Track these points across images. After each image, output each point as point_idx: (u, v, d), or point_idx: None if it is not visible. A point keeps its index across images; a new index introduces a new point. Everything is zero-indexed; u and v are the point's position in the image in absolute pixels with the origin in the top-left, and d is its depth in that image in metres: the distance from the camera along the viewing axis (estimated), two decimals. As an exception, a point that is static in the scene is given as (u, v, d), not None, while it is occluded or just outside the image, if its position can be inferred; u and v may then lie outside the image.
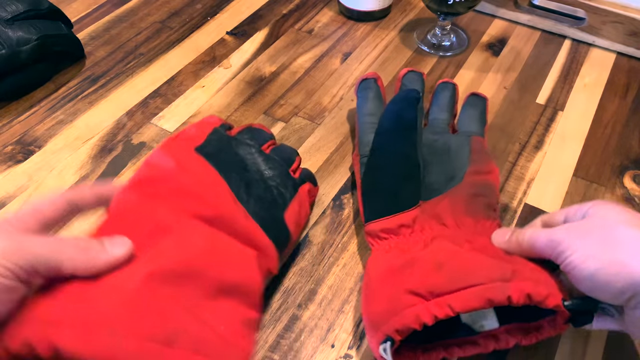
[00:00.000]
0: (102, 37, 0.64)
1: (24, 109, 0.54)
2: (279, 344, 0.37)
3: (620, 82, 0.59)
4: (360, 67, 0.60)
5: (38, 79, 0.57)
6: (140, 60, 0.61)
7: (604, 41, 0.62)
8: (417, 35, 0.64)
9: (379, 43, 0.63)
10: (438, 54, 0.62)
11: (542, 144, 0.52)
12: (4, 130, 0.52)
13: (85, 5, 0.68)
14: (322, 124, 0.53)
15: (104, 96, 0.56)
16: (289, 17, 0.67)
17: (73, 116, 0.54)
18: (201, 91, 0.57)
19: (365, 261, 0.42)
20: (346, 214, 0.45)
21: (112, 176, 0.48)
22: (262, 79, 0.59)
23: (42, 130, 0.52)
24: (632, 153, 0.51)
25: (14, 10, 0.54)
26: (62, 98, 0.56)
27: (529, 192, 0.47)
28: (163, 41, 0.63)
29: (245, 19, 0.67)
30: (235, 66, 0.60)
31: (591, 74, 0.60)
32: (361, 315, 0.38)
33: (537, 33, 0.65)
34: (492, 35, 0.65)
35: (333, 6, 0.69)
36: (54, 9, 0.58)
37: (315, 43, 0.63)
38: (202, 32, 0.65)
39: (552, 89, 0.58)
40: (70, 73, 0.59)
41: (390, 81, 0.58)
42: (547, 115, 0.55)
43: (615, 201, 0.47)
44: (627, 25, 0.60)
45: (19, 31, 0.53)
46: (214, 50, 0.62)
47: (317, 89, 0.57)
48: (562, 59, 0.61)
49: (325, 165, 0.49)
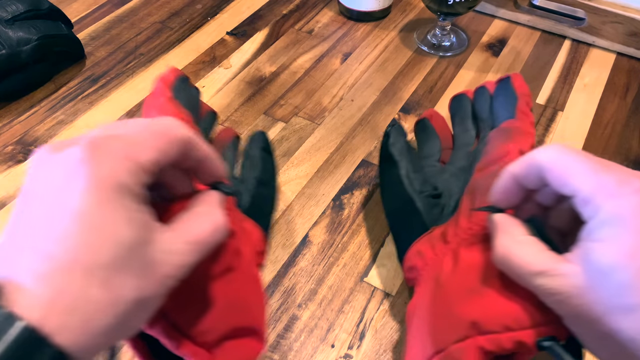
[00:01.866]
0: (102, 37, 0.64)
1: (24, 109, 0.54)
2: (279, 344, 0.37)
3: (620, 82, 0.59)
4: (360, 67, 0.60)
5: (38, 79, 0.57)
6: (140, 60, 0.61)
7: (603, 41, 0.62)
8: (417, 35, 0.64)
9: (379, 43, 0.63)
10: (438, 54, 0.62)
11: (542, 144, 0.52)
12: (5, 130, 0.52)
13: (86, 5, 0.68)
14: (322, 124, 0.53)
15: (104, 96, 0.56)
16: (289, 17, 0.67)
17: (73, 116, 0.54)
18: (201, 91, 0.57)
19: (365, 262, 0.42)
20: (346, 214, 0.45)
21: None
22: (262, 79, 0.59)
23: (43, 130, 0.52)
24: (631, 153, 0.51)
25: (14, 10, 0.54)
26: (63, 98, 0.56)
27: (528, 192, 0.47)
28: (163, 41, 0.63)
29: (245, 19, 0.67)
30: (236, 66, 0.60)
31: (591, 74, 0.60)
32: (361, 315, 0.38)
33: (537, 33, 0.65)
34: (492, 36, 0.65)
35: (333, 6, 0.69)
36: (54, 9, 0.58)
37: (315, 43, 0.63)
38: (202, 33, 0.65)
39: (552, 89, 0.58)
40: (71, 73, 0.59)
41: (391, 81, 0.58)
42: (547, 116, 0.55)
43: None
44: (627, 25, 0.60)
45: (19, 31, 0.53)
46: (214, 51, 0.62)
47: (317, 89, 0.57)
48: (562, 59, 0.62)
49: (326, 165, 0.49)
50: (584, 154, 0.25)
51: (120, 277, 0.20)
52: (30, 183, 0.21)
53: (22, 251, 0.19)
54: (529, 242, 0.25)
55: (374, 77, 0.59)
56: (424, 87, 0.58)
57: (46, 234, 0.19)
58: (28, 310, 0.18)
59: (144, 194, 0.22)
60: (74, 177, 0.20)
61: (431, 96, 0.56)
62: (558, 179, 0.24)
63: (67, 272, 0.19)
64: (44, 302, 0.18)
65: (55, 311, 0.18)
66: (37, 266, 0.19)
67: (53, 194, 0.20)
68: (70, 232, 0.19)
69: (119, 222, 0.20)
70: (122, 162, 0.21)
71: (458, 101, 0.46)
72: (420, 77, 0.59)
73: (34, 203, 0.20)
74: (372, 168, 0.49)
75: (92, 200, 0.20)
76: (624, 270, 0.21)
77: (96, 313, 0.19)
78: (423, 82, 0.58)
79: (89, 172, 0.20)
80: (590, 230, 0.23)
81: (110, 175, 0.20)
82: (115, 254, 0.20)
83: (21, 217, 0.20)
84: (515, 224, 0.27)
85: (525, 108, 0.39)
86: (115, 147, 0.21)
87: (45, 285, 0.19)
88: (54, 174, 0.20)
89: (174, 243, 0.22)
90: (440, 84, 0.58)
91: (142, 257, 0.21)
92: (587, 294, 0.22)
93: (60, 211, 0.20)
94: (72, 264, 0.19)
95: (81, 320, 0.19)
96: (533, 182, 0.26)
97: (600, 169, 0.23)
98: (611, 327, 0.21)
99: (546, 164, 0.25)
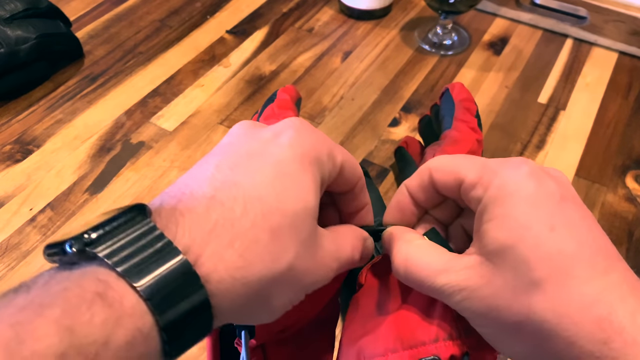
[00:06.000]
0: (101, 35, 0.63)
1: (23, 108, 0.54)
2: (278, 345, 0.37)
3: (622, 81, 0.58)
4: (361, 66, 0.60)
5: (37, 78, 0.56)
6: (139, 59, 0.60)
7: (605, 40, 0.62)
8: (418, 34, 0.64)
9: (380, 42, 0.63)
10: (439, 53, 0.61)
11: (543, 144, 0.51)
12: (3, 129, 0.52)
13: (84, 3, 0.68)
14: (322, 123, 0.53)
15: (102, 95, 0.56)
16: (289, 15, 0.67)
17: (72, 115, 0.53)
18: (200, 90, 0.57)
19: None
20: (346, 214, 0.45)
21: (111, 176, 0.48)
22: (262, 77, 0.58)
23: (41, 129, 0.52)
24: (634, 153, 0.51)
25: (13, 9, 0.54)
26: (61, 97, 0.55)
27: (530, 192, 0.47)
28: (162, 40, 0.63)
29: (245, 18, 0.66)
30: (235, 65, 0.60)
31: (593, 73, 0.59)
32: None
33: (538, 32, 0.65)
34: (494, 34, 0.64)
35: (333, 4, 0.68)
36: (53, 7, 0.58)
37: (315, 42, 0.63)
38: (201, 31, 0.64)
39: (554, 88, 0.57)
40: (69, 72, 0.58)
41: (392, 79, 0.58)
42: (549, 115, 0.54)
43: (617, 201, 0.46)
44: (629, 24, 0.60)
45: (18, 30, 0.53)
46: (213, 49, 0.62)
47: (318, 87, 0.57)
48: (563, 58, 0.61)
49: (326, 164, 0.49)
50: (472, 156, 0.24)
51: (290, 236, 0.19)
52: (227, 139, 0.22)
53: (201, 181, 0.19)
54: (427, 245, 0.24)
55: (374, 75, 0.58)
56: (425, 86, 0.57)
57: (240, 167, 0.19)
58: (190, 239, 0.17)
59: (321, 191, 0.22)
60: (282, 136, 0.21)
61: (432, 95, 0.56)
62: (445, 175, 0.23)
63: (246, 203, 0.19)
64: (208, 229, 0.18)
65: (217, 241, 0.18)
66: (215, 192, 0.19)
67: (256, 144, 0.21)
68: (264, 173, 0.19)
69: (309, 187, 0.20)
70: (323, 145, 0.22)
71: (422, 123, 0.47)
72: (421, 76, 0.58)
73: (229, 148, 0.21)
74: (373, 167, 0.49)
75: (293, 157, 0.20)
76: (519, 244, 0.20)
77: (256, 257, 0.18)
78: (424, 81, 0.58)
79: (296, 136, 0.21)
80: (480, 214, 0.22)
81: (312, 148, 0.21)
82: (296, 211, 0.19)
83: (207, 159, 0.21)
84: (409, 230, 0.26)
85: (462, 114, 0.39)
86: (320, 134, 0.22)
87: (214, 211, 0.18)
88: (261, 133, 0.21)
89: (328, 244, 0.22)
90: (441, 83, 0.58)
91: (312, 231, 0.21)
92: (492, 282, 0.21)
93: (260, 155, 0.20)
94: (255, 200, 0.19)
95: (238, 256, 0.18)
96: (426, 192, 0.25)
97: (484, 159, 0.23)
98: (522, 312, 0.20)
99: (435, 167, 0.24)
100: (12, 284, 0.15)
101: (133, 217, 0.17)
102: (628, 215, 0.45)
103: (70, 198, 0.46)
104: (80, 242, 0.16)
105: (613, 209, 0.46)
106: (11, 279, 0.40)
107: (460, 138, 0.37)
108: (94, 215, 0.44)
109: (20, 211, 0.45)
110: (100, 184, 0.47)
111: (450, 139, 0.37)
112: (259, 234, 0.18)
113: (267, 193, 0.19)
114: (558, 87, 0.58)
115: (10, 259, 0.41)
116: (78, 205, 0.45)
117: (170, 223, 0.18)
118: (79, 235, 0.16)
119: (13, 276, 0.40)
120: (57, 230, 0.43)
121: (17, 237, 0.43)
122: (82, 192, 0.46)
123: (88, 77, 0.58)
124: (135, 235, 0.17)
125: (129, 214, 0.17)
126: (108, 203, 0.45)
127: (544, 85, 0.58)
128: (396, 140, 0.51)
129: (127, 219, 0.17)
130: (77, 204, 0.45)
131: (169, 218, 0.18)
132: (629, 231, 0.44)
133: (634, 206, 0.46)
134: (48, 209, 0.45)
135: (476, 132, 0.38)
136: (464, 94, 0.41)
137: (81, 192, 0.46)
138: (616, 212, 0.45)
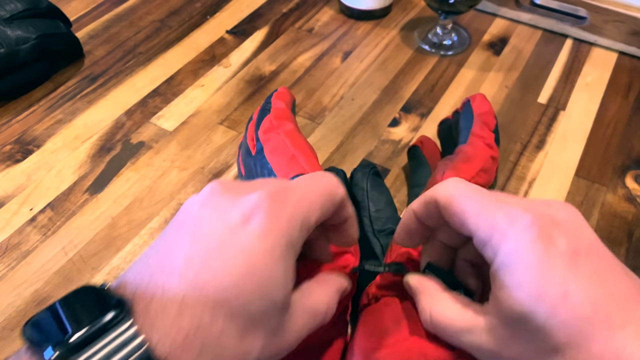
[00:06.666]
0: (101, 36, 0.63)
1: (23, 108, 0.54)
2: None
3: (622, 81, 0.58)
4: (361, 66, 0.60)
5: (37, 78, 0.56)
6: (139, 59, 0.60)
7: (605, 40, 0.62)
8: (418, 34, 0.64)
9: (380, 42, 0.63)
10: (439, 53, 0.61)
11: (543, 144, 0.51)
12: (3, 129, 0.52)
13: (84, 4, 0.68)
14: (322, 124, 0.53)
15: (102, 95, 0.56)
16: (289, 15, 0.67)
17: (72, 115, 0.53)
18: (200, 90, 0.57)
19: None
20: (346, 214, 0.45)
21: (111, 176, 0.48)
22: (262, 78, 0.58)
23: (41, 129, 0.52)
24: (634, 153, 0.51)
25: (13, 9, 0.54)
26: (61, 97, 0.55)
27: (530, 192, 0.47)
28: (162, 40, 0.63)
29: (245, 18, 0.66)
30: (235, 65, 0.60)
31: (593, 74, 0.59)
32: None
33: (538, 32, 0.65)
34: (494, 34, 0.64)
35: (333, 5, 0.68)
36: (53, 7, 0.58)
37: (315, 42, 0.63)
38: (201, 31, 0.64)
39: (554, 88, 0.57)
40: (69, 72, 0.58)
41: (392, 80, 0.58)
42: (549, 115, 0.54)
43: (616, 201, 0.46)
44: (629, 24, 0.60)
45: (18, 30, 0.53)
46: (213, 49, 0.62)
47: (318, 88, 0.57)
48: (563, 58, 0.61)
49: (326, 165, 0.49)
50: (478, 189, 0.24)
51: (256, 333, 0.20)
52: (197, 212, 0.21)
53: (171, 275, 0.19)
54: (447, 300, 0.25)
55: (374, 76, 0.58)
56: (425, 86, 0.57)
57: (208, 265, 0.19)
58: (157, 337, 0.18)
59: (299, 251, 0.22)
60: (252, 221, 0.20)
61: (432, 95, 0.56)
62: (455, 219, 0.24)
63: (214, 309, 0.19)
64: (181, 339, 0.18)
65: (188, 352, 0.18)
66: (185, 293, 0.19)
67: (224, 230, 0.20)
68: (232, 273, 0.19)
69: (279, 280, 0.20)
70: (297, 219, 0.21)
71: (442, 126, 0.46)
72: (421, 76, 0.58)
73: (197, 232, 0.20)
74: (373, 168, 0.49)
75: (263, 251, 0.20)
76: (535, 313, 0.20)
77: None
78: (424, 81, 0.58)
79: (267, 221, 0.20)
80: (494, 276, 0.22)
81: (286, 229, 0.20)
82: (262, 310, 0.20)
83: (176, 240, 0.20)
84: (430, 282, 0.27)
85: (480, 129, 0.39)
86: (292, 203, 0.21)
87: (185, 317, 0.18)
88: (229, 213, 0.20)
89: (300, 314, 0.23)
90: (441, 83, 0.58)
91: (279, 321, 0.21)
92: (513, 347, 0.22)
93: (228, 247, 0.20)
94: (223, 303, 0.19)
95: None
96: (433, 219, 0.26)
97: (493, 207, 0.23)
98: None
99: (443, 201, 0.24)
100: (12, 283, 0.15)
101: (118, 320, 0.18)
102: (628, 215, 0.45)
103: (70, 198, 0.46)
104: (63, 346, 0.17)
105: (613, 209, 0.46)
106: (11, 279, 0.40)
107: (474, 155, 0.36)
108: (90, 218, 0.44)
109: (20, 211, 0.45)
110: (100, 184, 0.47)
111: (463, 155, 0.37)
112: (227, 341, 0.19)
113: (234, 296, 0.19)
114: (558, 87, 0.58)
115: (11, 259, 0.41)
116: (78, 205, 0.45)
117: (147, 323, 0.18)
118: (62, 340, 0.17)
119: (13, 276, 0.40)
120: (57, 230, 0.43)
121: (17, 237, 0.43)
122: (82, 192, 0.46)
123: (88, 77, 0.58)
124: (119, 343, 0.17)
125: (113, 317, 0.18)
126: (108, 203, 0.45)
127: (544, 85, 0.58)
128: (396, 140, 0.51)
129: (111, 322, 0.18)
130: (77, 204, 0.45)
131: (145, 317, 0.18)
132: (628, 231, 0.44)
133: (634, 206, 0.46)
134: (48, 209, 0.45)
135: (492, 148, 0.38)
136: (485, 107, 0.40)
137: (81, 192, 0.46)
138: (616, 212, 0.46)
